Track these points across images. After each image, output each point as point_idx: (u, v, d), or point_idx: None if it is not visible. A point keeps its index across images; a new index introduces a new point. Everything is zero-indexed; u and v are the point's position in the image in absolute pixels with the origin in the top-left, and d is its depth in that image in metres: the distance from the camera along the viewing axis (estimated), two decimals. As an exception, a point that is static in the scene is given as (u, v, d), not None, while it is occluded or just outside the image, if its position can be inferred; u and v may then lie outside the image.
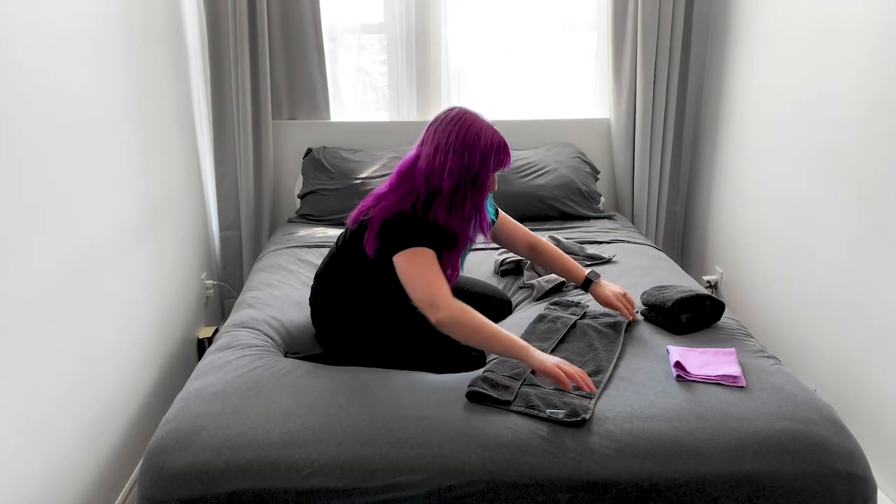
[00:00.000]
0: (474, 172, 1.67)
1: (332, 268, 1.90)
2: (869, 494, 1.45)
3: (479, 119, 1.70)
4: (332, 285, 1.90)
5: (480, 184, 1.69)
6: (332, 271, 1.90)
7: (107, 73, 1.98)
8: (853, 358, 2.18)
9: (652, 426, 1.48)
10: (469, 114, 1.70)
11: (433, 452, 1.42)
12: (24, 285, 1.51)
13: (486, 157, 1.66)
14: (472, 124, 1.68)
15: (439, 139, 1.68)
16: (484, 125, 1.69)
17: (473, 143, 1.66)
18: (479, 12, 3.19)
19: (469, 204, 1.70)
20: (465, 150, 1.66)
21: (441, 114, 1.73)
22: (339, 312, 1.88)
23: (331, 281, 1.90)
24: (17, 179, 1.49)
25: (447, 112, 1.72)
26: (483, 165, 1.67)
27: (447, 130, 1.68)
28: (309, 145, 3.19)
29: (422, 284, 1.62)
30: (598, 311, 1.99)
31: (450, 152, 1.66)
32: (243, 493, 1.39)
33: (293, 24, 3.05)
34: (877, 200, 2.06)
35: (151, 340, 2.27)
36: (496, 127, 1.72)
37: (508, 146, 1.72)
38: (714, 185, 3.16)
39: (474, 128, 1.67)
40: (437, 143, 1.68)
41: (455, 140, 1.66)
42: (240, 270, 3.27)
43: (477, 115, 1.71)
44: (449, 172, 1.66)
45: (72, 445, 1.71)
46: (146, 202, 2.26)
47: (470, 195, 1.69)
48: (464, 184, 1.68)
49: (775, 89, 2.62)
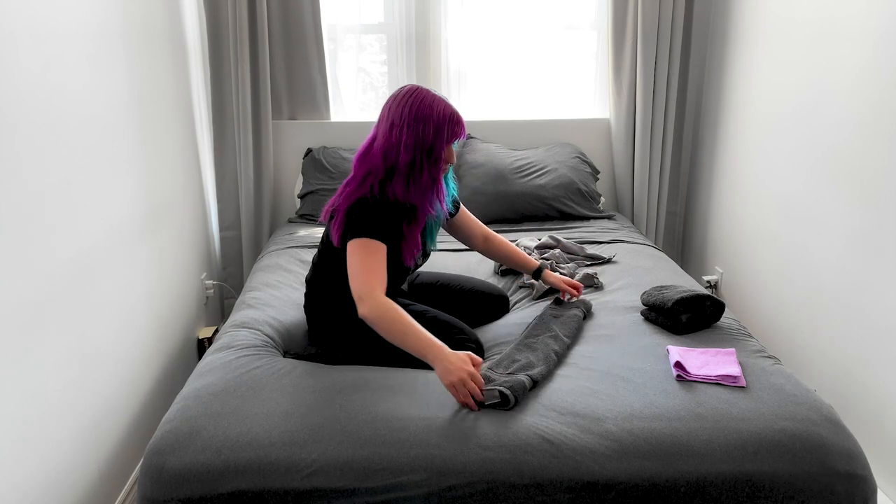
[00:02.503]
0: (429, 144, 1.71)
1: (318, 269, 1.92)
2: (869, 494, 1.45)
3: (430, 93, 1.73)
4: (320, 287, 1.91)
5: (436, 155, 1.73)
6: (319, 273, 1.91)
7: (107, 73, 1.98)
8: (853, 358, 2.18)
9: (652, 426, 1.48)
10: (421, 89, 1.74)
11: (433, 452, 1.42)
12: (23, 285, 1.51)
13: (439, 128, 1.70)
14: (424, 98, 1.72)
15: (393, 116, 1.73)
16: (436, 99, 1.73)
17: (427, 115, 1.70)
18: (479, 12, 3.19)
19: (426, 175, 1.73)
20: (418, 123, 1.70)
21: (395, 92, 1.77)
22: (331, 314, 1.89)
23: (319, 283, 1.91)
24: (17, 179, 1.49)
25: (400, 89, 1.76)
26: (437, 137, 1.71)
27: (400, 106, 1.72)
28: (309, 145, 3.20)
29: (359, 276, 1.66)
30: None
31: (404, 127, 1.70)
32: (243, 493, 1.39)
33: (293, 25, 3.05)
34: (877, 200, 2.06)
35: (151, 340, 2.27)
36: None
37: (462, 118, 1.76)
38: (714, 185, 3.16)
39: (426, 101, 1.71)
40: (392, 119, 1.73)
41: (409, 115, 1.70)
42: (240, 270, 3.28)
43: (429, 91, 1.74)
44: (405, 146, 1.70)
45: (72, 445, 1.71)
46: (146, 202, 2.26)
47: (426, 167, 1.73)
48: (420, 156, 1.72)
49: (775, 89, 2.62)
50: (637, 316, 2.01)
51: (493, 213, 3.00)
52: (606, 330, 1.93)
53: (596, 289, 2.25)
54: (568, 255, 2.49)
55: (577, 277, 2.28)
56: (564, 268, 2.35)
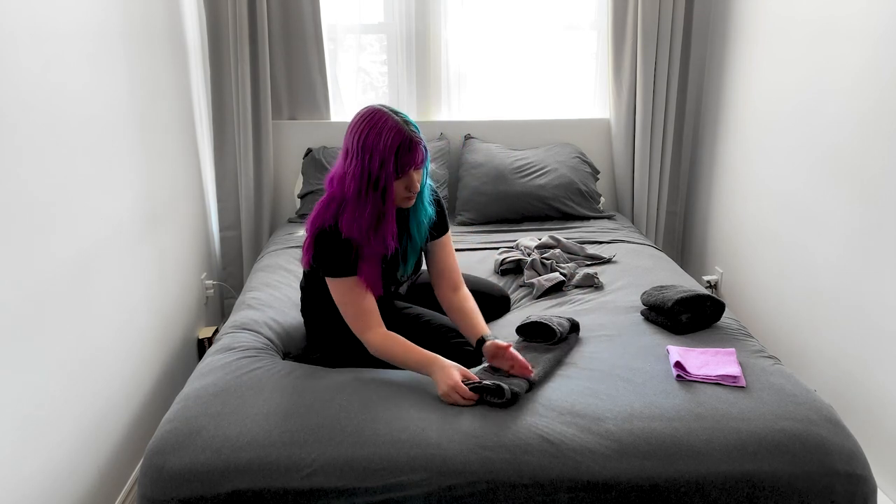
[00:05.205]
0: (374, 176, 1.60)
1: (310, 276, 1.89)
2: (869, 494, 1.45)
3: (384, 117, 1.61)
4: (313, 294, 1.89)
5: (383, 187, 1.61)
6: (311, 280, 1.89)
7: (107, 73, 1.98)
8: (853, 358, 2.18)
9: (652, 426, 1.48)
10: (377, 113, 1.62)
11: (433, 452, 1.42)
12: (24, 285, 1.51)
13: (385, 159, 1.59)
14: (375, 125, 1.60)
15: (347, 142, 1.65)
16: (388, 124, 1.59)
17: (372, 145, 1.59)
18: (479, 12, 3.19)
19: (370, 208, 1.62)
20: (364, 152, 1.60)
21: (356, 113, 1.67)
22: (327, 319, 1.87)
23: (312, 290, 1.89)
24: (18, 179, 1.49)
25: (359, 111, 1.67)
26: (382, 168, 1.59)
27: (352, 133, 1.63)
28: (309, 145, 3.20)
29: (348, 318, 1.71)
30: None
31: (353, 155, 1.62)
32: (243, 492, 1.39)
33: (293, 25, 3.05)
34: (877, 200, 2.06)
35: (151, 340, 2.27)
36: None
37: (416, 144, 1.61)
38: (714, 185, 3.16)
39: (376, 128, 1.59)
40: (346, 146, 1.65)
41: (356, 143, 1.61)
42: (240, 270, 3.28)
43: (385, 114, 1.62)
44: (352, 177, 1.62)
45: (72, 445, 1.71)
46: (146, 202, 2.26)
47: (371, 200, 1.62)
48: (364, 188, 1.62)
49: (775, 89, 2.62)
50: (637, 316, 2.01)
51: (493, 213, 3.00)
52: (606, 330, 1.93)
53: (596, 289, 2.25)
54: (568, 255, 2.49)
55: (578, 277, 2.28)
56: (564, 267, 2.35)
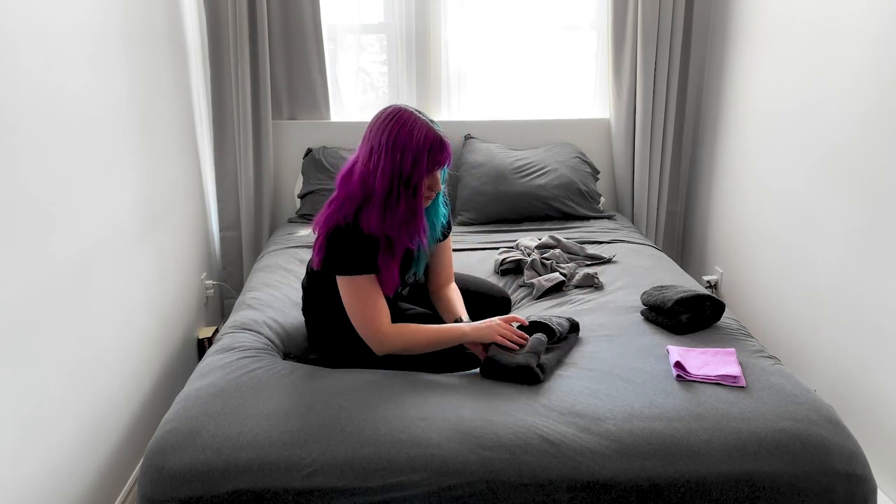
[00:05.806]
0: (407, 174, 1.62)
1: (312, 276, 1.88)
2: (869, 494, 1.45)
3: (413, 117, 1.63)
4: (316, 293, 1.88)
5: (415, 185, 1.64)
6: (313, 279, 1.88)
7: (107, 73, 1.98)
8: (853, 358, 2.18)
9: (652, 426, 1.48)
10: (403, 112, 1.64)
11: (433, 452, 1.42)
12: (24, 285, 1.51)
13: (418, 157, 1.61)
14: (405, 123, 1.62)
15: (373, 141, 1.65)
16: (418, 123, 1.62)
17: (405, 143, 1.60)
18: (479, 12, 3.19)
19: (403, 206, 1.64)
20: (396, 150, 1.61)
21: (378, 113, 1.68)
22: (329, 319, 1.86)
23: (314, 289, 1.89)
24: (18, 179, 1.49)
25: (383, 111, 1.67)
26: (416, 166, 1.62)
27: (380, 131, 1.63)
28: (309, 145, 3.20)
29: (360, 317, 1.70)
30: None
31: (382, 154, 1.62)
32: (243, 492, 1.39)
33: (293, 25, 3.05)
34: (877, 200, 2.06)
35: (151, 340, 2.27)
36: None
37: (447, 144, 1.65)
38: (714, 185, 3.16)
39: (406, 127, 1.61)
40: (371, 144, 1.65)
41: (387, 141, 1.62)
42: (240, 270, 3.28)
43: (412, 113, 1.64)
44: (381, 175, 1.62)
45: (72, 445, 1.71)
46: (146, 202, 2.26)
47: (404, 197, 1.64)
48: (397, 186, 1.63)
49: (775, 89, 2.62)
50: (637, 316, 2.01)
51: (493, 213, 3.00)
52: (606, 330, 1.93)
53: (596, 289, 2.25)
54: (568, 255, 2.49)
55: (578, 277, 2.28)
56: (564, 267, 2.35)
